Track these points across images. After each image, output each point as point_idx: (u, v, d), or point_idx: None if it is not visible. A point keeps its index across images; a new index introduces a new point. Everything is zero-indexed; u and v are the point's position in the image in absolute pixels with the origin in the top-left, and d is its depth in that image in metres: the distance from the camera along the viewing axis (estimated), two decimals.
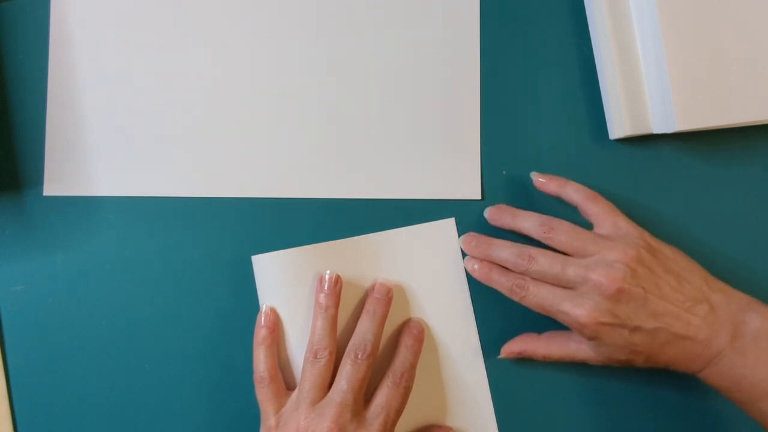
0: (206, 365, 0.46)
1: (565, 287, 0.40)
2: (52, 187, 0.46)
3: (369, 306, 0.43)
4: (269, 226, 0.46)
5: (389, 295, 0.44)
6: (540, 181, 0.45)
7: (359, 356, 0.41)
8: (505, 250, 0.43)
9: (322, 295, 0.42)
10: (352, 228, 0.46)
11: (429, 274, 0.46)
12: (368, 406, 0.41)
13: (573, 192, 0.43)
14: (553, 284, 0.41)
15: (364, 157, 0.46)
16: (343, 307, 0.43)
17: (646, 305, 0.39)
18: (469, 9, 0.47)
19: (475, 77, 0.47)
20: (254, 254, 0.45)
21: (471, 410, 0.45)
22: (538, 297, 0.41)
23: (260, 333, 0.43)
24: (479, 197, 0.46)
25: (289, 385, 0.43)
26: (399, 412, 0.41)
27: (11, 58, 0.47)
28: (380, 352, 0.43)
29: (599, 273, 0.39)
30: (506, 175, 0.46)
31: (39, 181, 0.46)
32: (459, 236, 0.46)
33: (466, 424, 0.45)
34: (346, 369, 0.40)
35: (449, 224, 0.46)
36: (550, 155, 0.46)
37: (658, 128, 0.44)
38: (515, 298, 0.42)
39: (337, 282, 0.43)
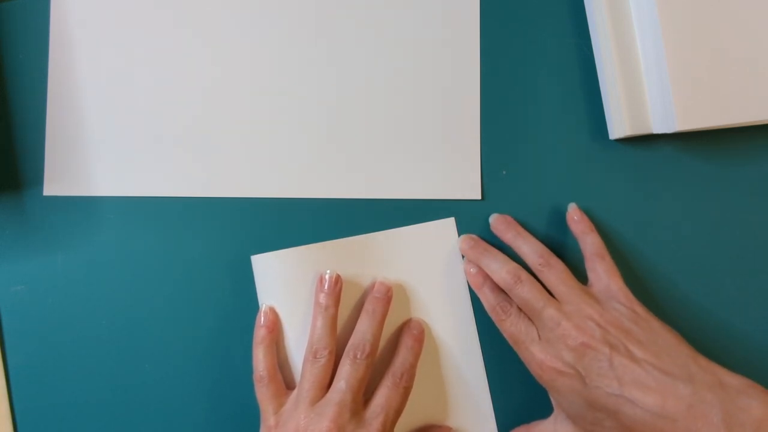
0: (206, 365, 0.46)
1: (535, 325, 0.41)
2: (52, 187, 0.46)
3: (368, 305, 0.43)
4: (269, 226, 0.46)
5: (389, 295, 0.44)
6: (573, 216, 0.44)
7: (358, 356, 0.41)
8: (498, 263, 0.43)
9: (322, 295, 0.42)
10: (352, 228, 0.46)
11: (429, 273, 0.46)
12: (367, 406, 0.41)
13: (589, 242, 0.43)
14: (527, 317, 0.41)
15: (364, 157, 0.46)
16: (342, 307, 0.43)
17: (613, 368, 0.37)
18: (469, 9, 0.47)
19: (475, 77, 0.47)
20: (254, 254, 0.45)
21: (471, 410, 0.45)
22: (515, 328, 0.41)
23: (259, 332, 0.43)
24: (479, 197, 0.46)
25: (289, 385, 0.43)
26: (398, 412, 0.41)
27: (11, 58, 0.47)
28: (380, 352, 0.43)
29: (570, 324, 0.38)
30: (506, 175, 0.46)
31: (39, 181, 0.46)
32: (459, 236, 0.46)
33: (466, 424, 0.45)
34: (345, 369, 0.40)
35: (449, 224, 0.46)
36: (550, 155, 0.46)
37: (658, 128, 0.44)
38: (494, 318, 0.42)
39: (338, 282, 0.43)
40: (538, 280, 0.42)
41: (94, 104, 0.46)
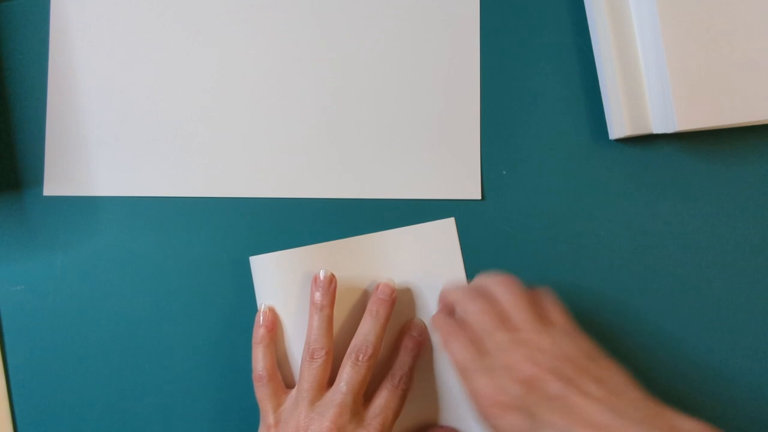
0: (206, 365, 0.46)
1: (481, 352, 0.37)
2: (52, 187, 0.46)
3: (372, 306, 0.43)
4: (269, 226, 0.46)
5: (393, 296, 0.43)
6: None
7: (360, 358, 0.41)
8: (461, 289, 0.40)
9: (317, 294, 0.42)
10: (352, 228, 0.46)
11: (429, 273, 0.46)
12: (368, 407, 0.41)
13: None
14: (477, 343, 0.37)
15: (363, 157, 0.46)
16: (343, 307, 0.43)
17: (564, 405, 0.33)
18: (469, 9, 0.47)
19: (475, 77, 0.47)
20: (254, 254, 0.45)
21: (470, 410, 0.45)
22: (462, 354, 0.37)
23: (258, 332, 0.43)
24: (479, 197, 0.46)
25: (288, 384, 0.43)
26: (397, 413, 0.41)
27: (11, 58, 0.47)
28: (382, 351, 0.43)
29: (519, 354, 0.35)
30: (506, 175, 0.46)
31: (39, 181, 0.46)
32: (459, 236, 0.46)
33: (465, 424, 0.45)
34: (346, 370, 0.40)
35: (449, 224, 0.46)
36: (550, 155, 0.46)
37: (658, 128, 0.44)
38: (442, 340, 0.39)
39: (332, 281, 0.43)
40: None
41: (94, 104, 0.46)
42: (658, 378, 0.45)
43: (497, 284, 0.39)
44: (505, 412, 0.34)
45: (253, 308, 0.45)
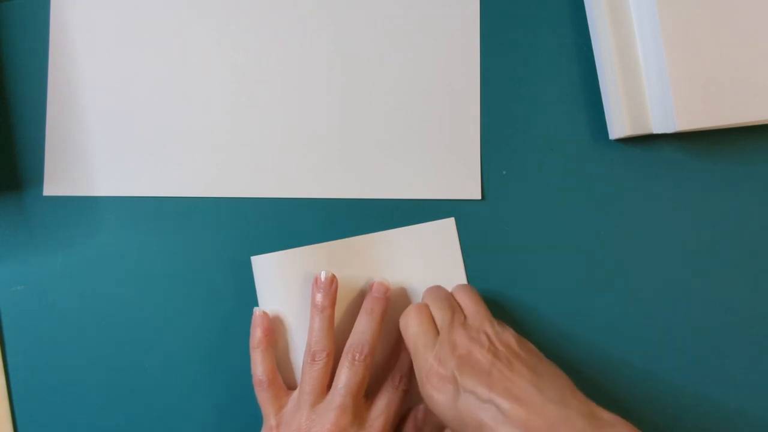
0: (207, 365, 0.46)
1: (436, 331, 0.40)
2: (52, 187, 0.46)
3: (367, 305, 0.43)
4: (269, 226, 0.46)
5: (387, 294, 0.44)
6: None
7: (357, 357, 0.41)
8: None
9: (318, 296, 0.42)
10: (352, 228, 0.46)
11: (429, 273, 0.46)
12: (369, 408, 0.41)
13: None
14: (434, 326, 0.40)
15: (364, 157, 0.46)
16: (344, 307, 0.43)
17: (490, 375, 0.36)
18: (469, 9, 0.47)
19: (475, 77, 0.47)
20: (255, 254, 0.45)
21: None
22: (413, 329, 0.40)
23: (255, 336, 0.43)
24: (479, 197, 0.46)
25: (290, 385, 0.43)
26: (398, 414, 0.41)
27: (11, 58, 0.47)
28: (382, 352, 0.43)
29: (462, 333, 0.38)
30: (506, 175, 0.46)
31: (39, 181, 0.46)
32: (459, 236, 0.46)
33: None
34: (344, 371, 0.40)
35: (449, 224, 0.46)
36: (550, 155, 0.46)
37: (658, 128, 0.44)
38: (402, 317, 0.41)
39: (333, 282, 0.43)
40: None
41: (94, 104, 0.46)
42: (655, 376, 0.45)
43: (459, 287, 0.43)
44: (443, 384, 0.36)
45: (254, 308, 0.44)
